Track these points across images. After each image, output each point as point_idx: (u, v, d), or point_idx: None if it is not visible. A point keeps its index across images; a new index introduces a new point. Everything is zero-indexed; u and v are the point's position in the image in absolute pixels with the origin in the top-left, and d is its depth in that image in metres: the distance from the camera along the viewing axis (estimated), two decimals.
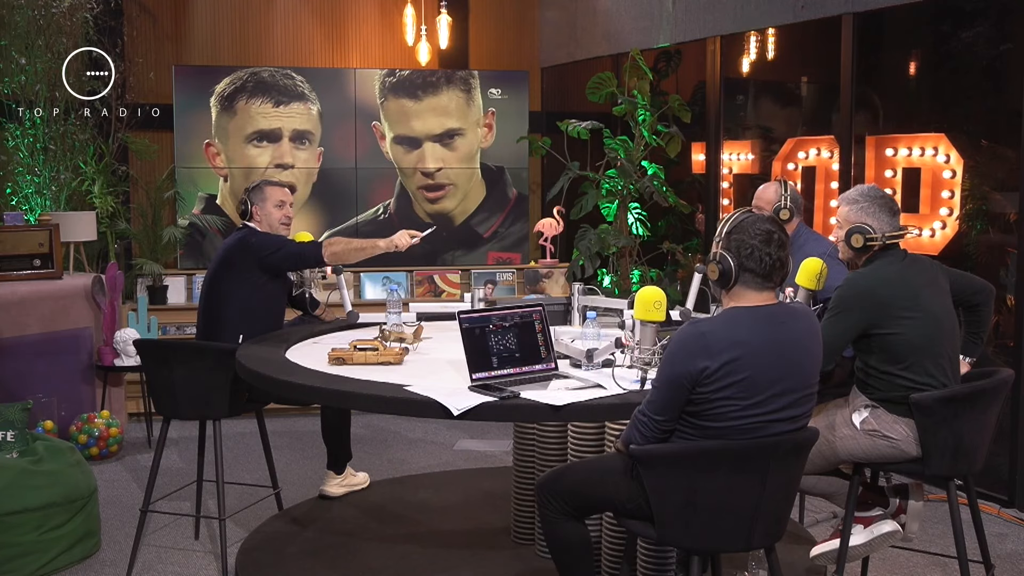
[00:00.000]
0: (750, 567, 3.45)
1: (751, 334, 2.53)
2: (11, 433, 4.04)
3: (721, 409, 2.53)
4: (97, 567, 4.00)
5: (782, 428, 2.57)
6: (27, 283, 5.37)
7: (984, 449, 3.20)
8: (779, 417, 2.56)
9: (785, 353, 2.56)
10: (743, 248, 2.57)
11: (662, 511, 2.58)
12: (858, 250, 3.19)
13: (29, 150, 6.10)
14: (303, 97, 6.82)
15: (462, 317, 3.16)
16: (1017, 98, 4.59)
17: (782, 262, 2.58)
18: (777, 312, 2.61)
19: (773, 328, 2.56)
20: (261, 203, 4.17)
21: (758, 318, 2.57)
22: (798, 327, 2.62)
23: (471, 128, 7.06)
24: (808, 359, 2.63)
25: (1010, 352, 4.69)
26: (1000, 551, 4.12)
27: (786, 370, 2.55)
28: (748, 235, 2.58)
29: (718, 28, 6.18)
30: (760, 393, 2.52)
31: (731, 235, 2.60)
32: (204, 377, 3.81)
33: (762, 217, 2.65)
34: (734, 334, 2.53)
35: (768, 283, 2.59)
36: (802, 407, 2.62)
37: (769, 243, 2.56)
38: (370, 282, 6.90)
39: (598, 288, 4.88)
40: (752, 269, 2.57)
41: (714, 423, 2.55)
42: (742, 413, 2.52)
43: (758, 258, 2.56)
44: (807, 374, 2.62)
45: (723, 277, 2.60)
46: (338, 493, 4.44)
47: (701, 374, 2.50)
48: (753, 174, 6.33)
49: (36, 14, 6.03)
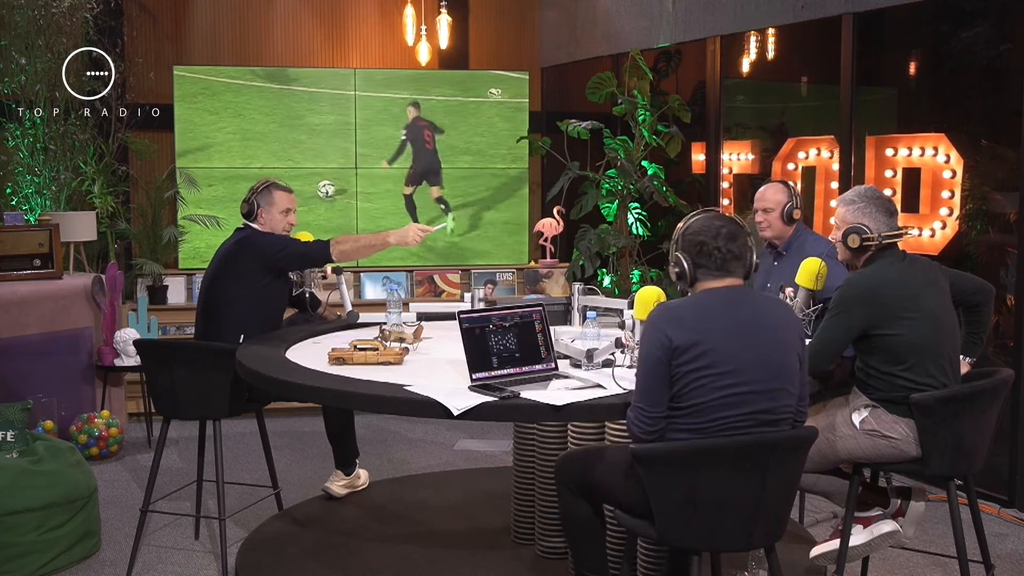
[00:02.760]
0: (750, 567, 3.45)
1: (717, 308, 2.67)
2: (11, 433, 4.04)
3: (696, 384, 2.59)
4: (97, 567, 4.00)
5: (761, 406, 2.61)
6: (27, 283, 5.37)
7: (984, 449, 3.20)
8: (756, 390, 2.60)
9: (751, 327, 2.66)
10: (693, 247, 2.72)
11: (662, 510, 2.59)
12: (855, 250, 3.20)
13: (29, 150, 6.10)
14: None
15: (462, 317, 3.16)
16: (1017, 98, 4.59)
17: (734, 253, 2.70)
18: (743, 292, 2.74)
19: (738, 305, 2.70)
20: (268, 207, 4.15)
21: (724, 295, 2.71)
22: (765, 306, 2.78)
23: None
24: (776, 339, 2.68)
25: (1010, 352, 4.69)
26: (1000, 551, 4.12)
27: (754, 344, 2.63)
28: (698, 234, 2.72)
29: (718, 28, 6.18)
30: (730, 363, 2.58)
31: (684, 236, 2.76)
32: (204, 377, 3.81)
33: (712, 215, 2.78)
34: (700, 310, 2.67)
35: (726, 274, 2.71)
36: (780, 389, 2.65)
37: (718, 237, 2.69)
38: (370, 282, 6.90)
39: (598, 288, 4.88)
40: (705, 265, 2.71)
41: (693, 400, 2.59)
42: (716, 385, 2.58)
43: (708, 253, 2.70)
44: (777, 354, 2.67)
45: (680, 278, 2.78)
46: (341, 493, 4.44)
47: (672, 347, 2.59)
48: (753, 174, 6.33)
49: (36, 14, 6.03)
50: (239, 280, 4.02)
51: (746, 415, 2.61)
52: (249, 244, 4.05)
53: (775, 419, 2.66)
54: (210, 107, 6.71)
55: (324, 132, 6.89)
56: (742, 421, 2.61)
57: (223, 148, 6.75)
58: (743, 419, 2.61)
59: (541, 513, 3.77)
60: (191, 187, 6.63)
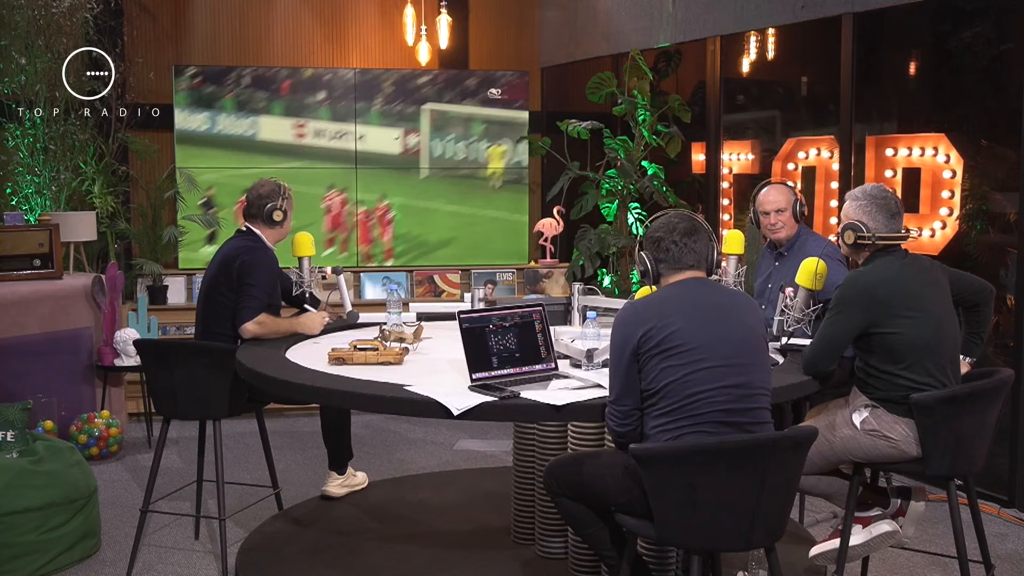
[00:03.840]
0: (750, 567, 3.45)
1: (675, 297, 2.77)
2: (11, 433, 4.04)
3: (663, 365, 2.65)
4: (97, 567, 4.00)
5: (734, 380, 2.67)
6: (27, 283, 5.37)
7: (984, 449, 3.20)
8: (725, 364, 2.66)
9: (711, 308, 2.75)
10: (653, 245, 2.85)
11: (661, 510, 2.59)
12: (851, 247, 3.21)
13: (29, 150, 6.10)
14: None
15: (462, 317, 3.16)
16: (1017, 98, 4.59)
17: (691, 248, 2.81)
18: (702, 281, 2.83)
19: (696, 291, 2.79)
20: (289, 210, 4.13)
21: (682, 286, 2.81)
22: (725, 292, 2.92)
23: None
24: (736, 319, 2.76)
25: (1010, 352, 4.69)
26: (1000, 551, 4.12)
27: (714, 322, 2.72)
28: (656, 231, 2.86)
29: (718, 28, 6.18)
30: (692, 340, 2.65)
31: (646, 236, 2.89)
32: (204, 377, 3.81)
33: (672, 213, 2.91)
34: (660, 301, 2.77)
35: (685, 268, 2.82)
36: (749, 363, 2.72)
37: (674, 232, 2.82)
38: (370, 282, 6.90)
39: (598, 288, 4.88)
40: (664, 259, 2.83)
41: (663, 382, 2.65)
42: (683, 362, 2.64)
43: (665, 248, 2.82)
44: (739, 331, 2.74)
45: (645, 276, 2.90)
46: (340, 493, 4.44)
47: (635, 337, 2.68)
48: (753, 174, 6.33)
49: (36, 14, 6.03)
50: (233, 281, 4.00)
51: (720, 389, 2.65)
52: (243, 260, 3.97)
53: (752, 393, 2.71)
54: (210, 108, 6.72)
55: (325, 133, 6.88)
56: (718, 395, 2.65)
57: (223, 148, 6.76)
58: (718, 393, 2.65)
59: (541, 513, 3.77)
60: (191, 187, 6.64)
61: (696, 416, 2.64)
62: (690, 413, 2.65)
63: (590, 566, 3.54)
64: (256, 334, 3.91)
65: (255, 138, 6.80)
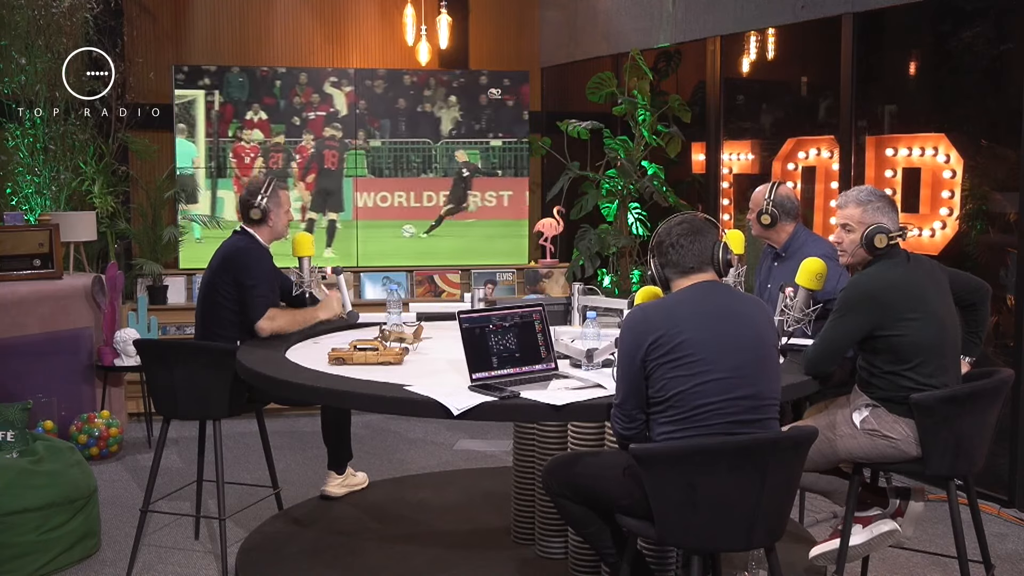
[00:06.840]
0: (750, 567, 3.45)
1: (685, 303, 2.75)
2: (11, 433, 4.04)
3: (672, 375, 2.64)
4: (97, 567, 4.00)
5: (744, 392, 2.65)
6: (27, 283, 5.37)
7: (984, 449, 3.20)
8: (735, 375, 2.64)
9: (722, 315, 2.72)
10: (658, 250, 2.85)
11: (661, 510, 2.59)
12: (880, 250, 3.14)
13: (29, 150, 6.10)
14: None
15: (462, 317, 3.16)
16: (1017, 98, 4.59)
17: (688, 249, 2.79)
18: (713, 285, 2.80)
19: (707, 296, 2.76)
20: (276, 208, 4.13)
21: (692, 290, 2.79)
22: (736, 296, 2.88)
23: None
24: (748, 325, 2.74)
25: (1010, 352, 4.69)
26: (1000, 551, 4.12)
27: (726, 330, 2.69)
28: (660, 237, 2.86)
29: (718, 28, 6.18)
30: (703, 351, 2.63)
31: (653, 243, 2.89)
32: (204, 377, 3.81)
33: (677, 217, 2.89)
34: (669, 306, 2.76)
35: (692, 271, 2.79)
36: (760, 373, 2.70)
37: (671, 235, 2.82)
38: (370, 282, 6.90)
39: (598, 288, 4.88)
40: (667, 264, 2.84)
41: (672, 391, 2.63)
42: (692, 372, 2.63)
43: (665, 252, 2.83)
44: (752, 339, 2.72)
45: (655, 282, 2.91)
46: (339, 493, 4.44)
47: (644, 344, 2.66)
48: (753, 174, 6.33)
49: (36, 14, 6.03)
50: (234, 285, 4.00)
51: (729, 401, 2.63)
52: (236, 262, 3.99)
53: (761, 404, 2.69)
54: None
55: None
56: (727, 407, 2.63)
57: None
58: (727, 405, 2.63)
59: (541, 513, 3.77)
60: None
61: (704, 427, 2.64)
62: (698, 424, 2.64)
63: (590, 566, 3.55)
64: (273, 330, 3.90)
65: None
